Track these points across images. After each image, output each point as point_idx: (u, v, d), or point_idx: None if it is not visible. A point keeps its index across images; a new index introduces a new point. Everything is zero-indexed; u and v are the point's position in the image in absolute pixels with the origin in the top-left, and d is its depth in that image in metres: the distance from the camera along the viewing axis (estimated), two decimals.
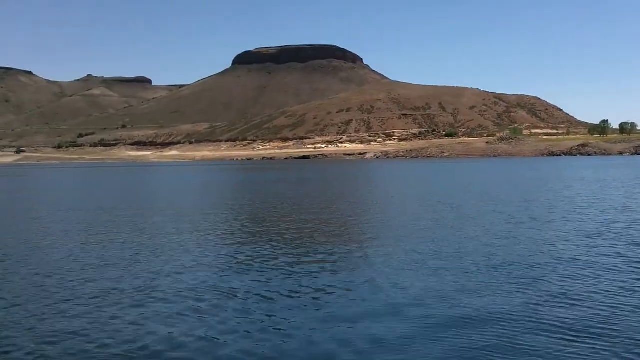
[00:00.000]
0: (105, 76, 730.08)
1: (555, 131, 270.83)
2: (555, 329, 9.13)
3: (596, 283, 12.03)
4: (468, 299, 10.94)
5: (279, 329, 9.43)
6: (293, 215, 25.97)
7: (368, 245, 17.31)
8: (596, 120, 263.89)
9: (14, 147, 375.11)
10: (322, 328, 9.42)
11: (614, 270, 13.11)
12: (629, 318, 9.65)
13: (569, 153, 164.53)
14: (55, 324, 9.85)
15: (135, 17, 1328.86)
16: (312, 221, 23.36)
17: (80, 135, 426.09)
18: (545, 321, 9.49)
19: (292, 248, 17.04)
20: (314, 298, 11.36)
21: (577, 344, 8.48)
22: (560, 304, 10.50)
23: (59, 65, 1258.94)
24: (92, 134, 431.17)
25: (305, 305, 10.82)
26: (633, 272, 12.96)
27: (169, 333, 9.32)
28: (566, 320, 9.56)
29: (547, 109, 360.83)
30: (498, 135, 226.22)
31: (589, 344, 8.51)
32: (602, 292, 11.29)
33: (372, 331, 9.22)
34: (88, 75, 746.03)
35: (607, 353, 8.17)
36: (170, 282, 12.83)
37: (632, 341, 8.55)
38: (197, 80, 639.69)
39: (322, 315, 10.19)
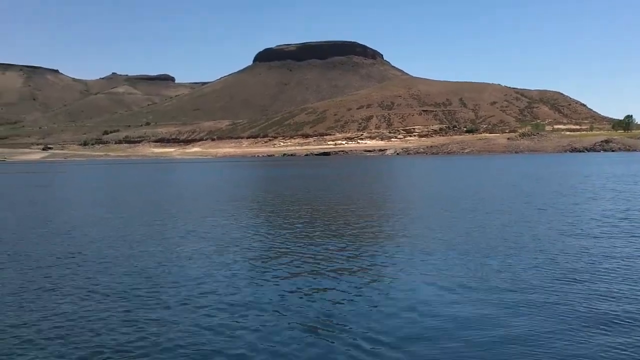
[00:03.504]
0: (129, 74, 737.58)
1: (578, 127, 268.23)
2: None
3: None
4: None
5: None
6: (342, 209, 27.54)
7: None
8: (620, 116, 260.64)
9: (41, 144, 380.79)
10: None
11: None
12: None
13: (592, 149, 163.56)
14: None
15: (159, 15, 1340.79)
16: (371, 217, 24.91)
17: (105, 132, 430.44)
18: None
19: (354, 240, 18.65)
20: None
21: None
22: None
23: (84, 63, 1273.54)
24: (117, 131, 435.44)
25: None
26: None
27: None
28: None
29: (570, 104, 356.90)
30: (520, 131, 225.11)
31: None
32: None
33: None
34: (112, 73, 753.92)
35: None
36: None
37: None
38: (218, 77, 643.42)
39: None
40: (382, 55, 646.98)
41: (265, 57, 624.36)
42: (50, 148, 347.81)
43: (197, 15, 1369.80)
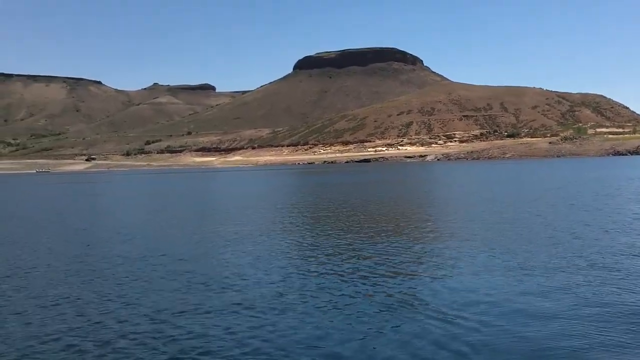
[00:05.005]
0: (170, 84, 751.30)
1: (621, 130, 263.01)
2: None
3: None
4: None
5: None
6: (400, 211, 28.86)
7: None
8: None
9: (84, 154, 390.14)
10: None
11: None
12: None
13: (635, 152, 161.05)
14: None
15: (199, 26, 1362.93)
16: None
17: (148, 142, 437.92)
18: None
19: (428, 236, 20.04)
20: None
21: None
22: None
23: (126, 74, 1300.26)
24: (159, 140, 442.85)
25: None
26: None
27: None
28: None
29: (612, 107, 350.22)
30: (562, 135, 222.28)
31: None
32: None
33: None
34: (154, 83, 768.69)
35: None
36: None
37: None
38: (259, 86, 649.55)
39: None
40: (422, 61, 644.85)
41: (306, 64, 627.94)
42: (93, 159, 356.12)
43: (237, 24, 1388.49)
